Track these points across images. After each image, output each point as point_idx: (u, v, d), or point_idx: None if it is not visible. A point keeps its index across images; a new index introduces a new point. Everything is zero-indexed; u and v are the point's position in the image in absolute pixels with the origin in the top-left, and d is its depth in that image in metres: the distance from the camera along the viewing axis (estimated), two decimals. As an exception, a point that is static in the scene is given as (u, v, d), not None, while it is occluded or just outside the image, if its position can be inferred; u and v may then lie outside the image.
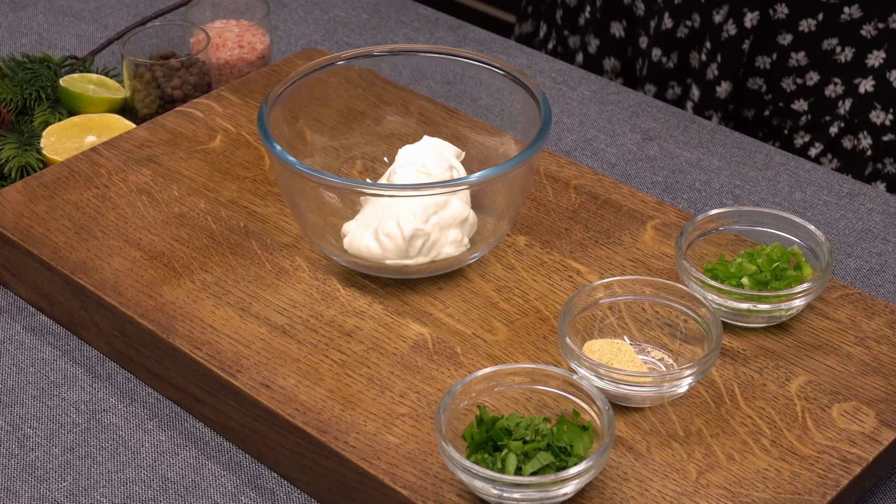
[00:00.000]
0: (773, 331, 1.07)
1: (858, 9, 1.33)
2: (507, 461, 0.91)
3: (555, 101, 1.45)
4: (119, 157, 1.25)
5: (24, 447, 1.05)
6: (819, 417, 0.99)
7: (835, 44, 1.36)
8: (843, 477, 0.95)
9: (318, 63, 1.16)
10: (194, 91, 1.38)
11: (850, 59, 1.36)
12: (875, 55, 1.35)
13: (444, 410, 0.93)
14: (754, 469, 0.95)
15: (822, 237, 1.09)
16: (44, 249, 1.15)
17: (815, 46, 1.37)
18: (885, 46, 1.35)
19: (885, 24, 1.34)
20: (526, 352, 1.05)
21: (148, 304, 1.09)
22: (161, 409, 1.09)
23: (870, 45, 1.36)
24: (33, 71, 1.41)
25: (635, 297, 1.05)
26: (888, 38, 1.35)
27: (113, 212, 1.19)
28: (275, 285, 1.11)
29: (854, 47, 1.36)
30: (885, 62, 1.36)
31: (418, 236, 1.07)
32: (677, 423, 0.99)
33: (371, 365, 1.04)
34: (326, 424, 0.99)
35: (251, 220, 1.18)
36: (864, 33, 1.35)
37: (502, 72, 1.15)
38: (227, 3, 1.48)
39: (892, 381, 1.02)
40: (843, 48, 1.36)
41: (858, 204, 1.31)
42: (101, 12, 1.62)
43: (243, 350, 1.05)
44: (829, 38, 1.36)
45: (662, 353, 1.04)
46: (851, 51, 1.36)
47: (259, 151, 1.26)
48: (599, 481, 0.95)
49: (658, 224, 1.17)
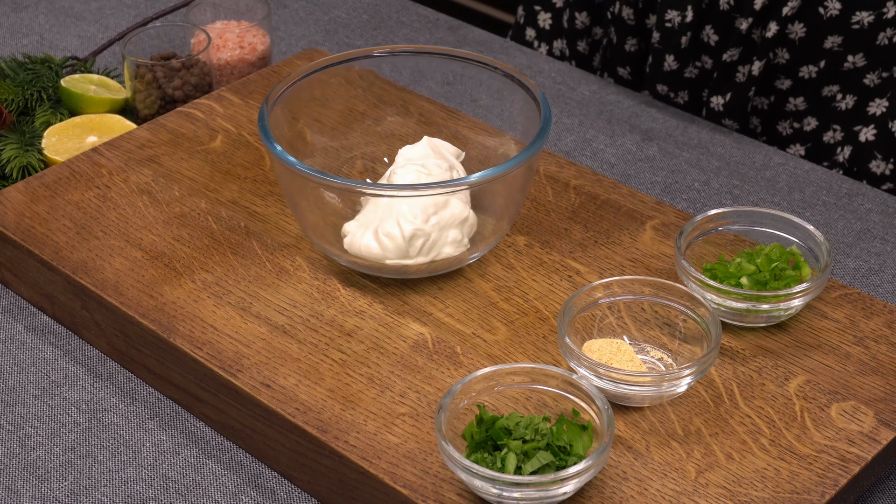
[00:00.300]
0: (772, 330, 1.07)
1: (863, 58, 1.33)
2: (507, 460, 0.91)
3: (554, 101, 1.45)
4: (120, 157, 1.25)
5: (25, 446, 1.05)
6: (818, 417, 0.99)
7: (836, 90, 1.36)
8: (842, 476, 0.95)
9: (318, 64, 1.16)
10: (195, 91, 1.38)
11: (850, 107, 1.36)
12: (878, 103, 1.35)
13: (443, 410, 0.93)
14: (753, 468, 0.95)
15: (820, 237, 1.09)
16: (45, 249, 1.14)
17: (815, 92, 1.36)
18: (888, 95, 1.35)
19: (888, 74, 1.34)
20: (525, 351, 1.05)
21: (149, 304, 1.09)
22: (162, 408, 1.09)
23: (872, 94, 1.35)
24: (35, 71, 1.41)
25: (635, 296, 1.05)
26: (891, 87, 1.35)
27: (114, 212, 1.19)
28: (275, 285, 1.11)
29: (856, 95, 1.36)
30: (887, 111, 1.35)
31: (418, 236, 1.07)
32: (676, 423, 0.99)
33: (371, 365, 1.03)
34: (327, 424, 0.98)
35: (252, 220, 1.18)
36: (868, 82, 1.35)
37: (502, 72, 1.15)
38: (227, 3, 1.48)
39: (890, 381, 1.02)
40: (845, 96, 1.36)
41: (857, 204, 1.31)
42: (103, 13, 1.62)
43: (244, 350, 1.05)
44: (830, 85, 1.36)
45: (662, 352, 1.04)
46: (853, 98, 1.36)
47: (259, 152, 1.26)
48: (599, 480, 0.94)
49: (657, 224, 1.17)
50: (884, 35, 1.31)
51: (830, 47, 1.32)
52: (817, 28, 1.31)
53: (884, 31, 1.31)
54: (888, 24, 1.30)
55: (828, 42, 1.32)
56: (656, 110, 1.44)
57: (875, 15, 1.29)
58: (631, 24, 1.44)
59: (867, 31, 1.31)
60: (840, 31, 1.31)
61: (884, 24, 1.30)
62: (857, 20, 1.30)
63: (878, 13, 1.29)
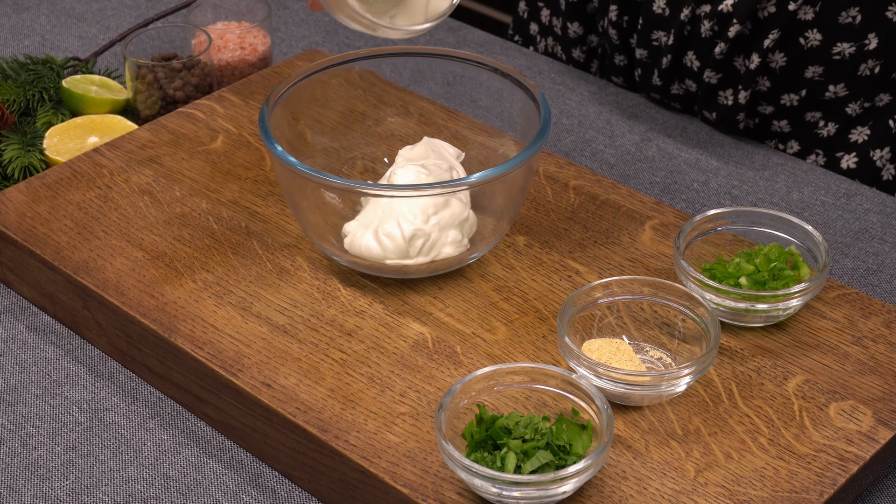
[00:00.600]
0: (771, 330, 1.06)
1: (844, 87, 1.33)
2: (507, 460, 0.91)
3: (554, 102, 1.45)
4: (121, 157, 1.25)
5: (26, 446, 1.05)
6: (816, 416, 0.99)
7: (818, 117, 1.36)
8: (841, 475, 0.95)
9: (318, 64, 1.16)
10: (196, 92, 1.38)
11: (832, 134, 1.36)
12: (860, 131, 1.35)
13: (443, 409, 0.93)
14: (752, 468, 0.95)
15: (819, 237, 1.08)
16: (46, 249, 1.14)
17: (798, 118, 1.37)
18: (869, 123, 1.35)
19: (871, 104, 1.34)
20: (525, 351, 1.05)
21: (150, 304, 1.09)
22: (163, 407, 1.08)
23: (854, 122, 1.35)
24: (36, 72, 1.41)
25: (634, 296, 1.05)
26: (874, 116, 1.35)
27: (115, 212, 1.18)
28: (276, 285, 1.11)
29: (838, 123, 1.36)
30: (869, 139, 1.35)
31: (418, 236, 1.07)
32: (675, 422, 0.99)
33: (371, 364, 1.03)
34: (327, 423, 0.98)
35: (252, 220, 1.18)
36: (850, 111, 1.35)
37: (501, 73, 1.15)
38: (228, 4, 1.48)
39: (888, 381, 1.02)
40: (827, 123, 1.36)
41: (856, 204, 1.31)
42: (104, 14, 1.61)
43: (244, 349, 1.04)
44: (812, 112, 1.36)
45: (661, 352, 1.04)
46: (835, 126, 1.36)
47: (260, 152, 1.26)
48: (598, 480, 0.94)
49: (656, 224, 1.17)
50: (865, 66, 1.31)
51: (811, 77, 1.32)
52: (798, 58, 1.32)
53: (865, 63, 1.31)
54: (870, 55, 1.30)
55: (808, 72, 1.32)
56: (655, 111, 1.44)
57: (856, 46, 1.30)
58: (617, 43, 1.44)
59: (848, 62, 1.31)
60: (821, 62, 1.31)
61: (865, 55, 1.30)
62: (838, 51, 1.30)
63: (860, 44, 1.29)
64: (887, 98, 1.34)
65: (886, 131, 1.35)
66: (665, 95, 1.43)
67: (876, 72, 1.31)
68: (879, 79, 1.32)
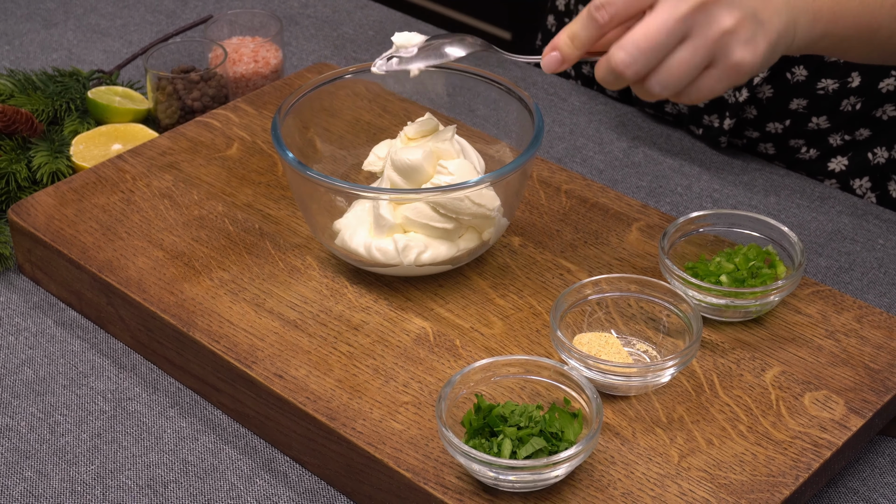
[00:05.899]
0: (750, 325, 1.06)
1: (826, 120, 1.33)
2: (503, 446, 0.91)
3: (547, 111, 1.45)
4: (143, 163, 1.25)
5: (55, 433, 1.05)
6: (792, 405, 0.99)
7: (801, 143, 1.36)
8: (815, 461, 0.95)
9: (327, 76, 1.16)
10: (212, 102, 1.37)
11: (814, 158, 1.36)
12: (838, 160, 1.35)
13: (444, 399, 0.93)
14: (732, 453, 0.95)
15: (794, 238, 1.08)
16: (73, 249, 1.14)
17: (782, 143, 1.36)
18: (848, 154, 1.35)
19: (851, 137, 1.34)
20: (520, 344, 1.05)
21: (170, 301, 1.09)
22: (182, 397, 1.08)
23: (834, 152, 1.35)
24: (63, 84, 1.41)
25: (621, 293, 1.05)
26: (853, 148, 1.35)
27: (137, 214, 1.18)
28: (287, 283, 1.11)
29: (819, 150, 1.36)
30: (847, 168, 1.35)
31: (411, 247, 1.06)
32: (661, 411, 0.99)
33: (377, 357, 1.03)
34: (335, 412, 0.98)
35: (265, 222, 1.18)
36: (832, 141, 1.35)
37: (498, 84, 1.14)
38: (243, 20, 1.48)
39: (859, 372, 1.02)
40: (809, 149, 1.36)
41: (828, 207, 1.31)
42: (127, 30, 1.61)
43: (258, 343, 1.04)
44: (796, 139, 1.36)
45: (647, 345, 1.04)
46: (816, 152, 1.36)
47: (272, 158, 1.26)
48: (588, 464, 0.94)
49: (643, 226, 1.17)
50: (847, 102, 1.31)
51: (796, 108, 1.32)
52: (784, 91, 1.32)
53: (847, 99, 1.31)
54: (852, 92, 1.30)
55: (793, 104, 1.32)
56: (642, 120, 1.44)
57: (839, 83, 1.29)
58: None
59: (832, 97, 1.31)
60: (805, 95, 1.31)
61: (848, 91, 1.30)
62: (823, 86, 1.30)
63: (843, 81, 1.29)
64: (867, 133, 1.34)
65: (866, 163, 1.34)
66: (659, 111, 1.43)
67: (857, 108, 1.31)
68: (860, 114, 1.32)
